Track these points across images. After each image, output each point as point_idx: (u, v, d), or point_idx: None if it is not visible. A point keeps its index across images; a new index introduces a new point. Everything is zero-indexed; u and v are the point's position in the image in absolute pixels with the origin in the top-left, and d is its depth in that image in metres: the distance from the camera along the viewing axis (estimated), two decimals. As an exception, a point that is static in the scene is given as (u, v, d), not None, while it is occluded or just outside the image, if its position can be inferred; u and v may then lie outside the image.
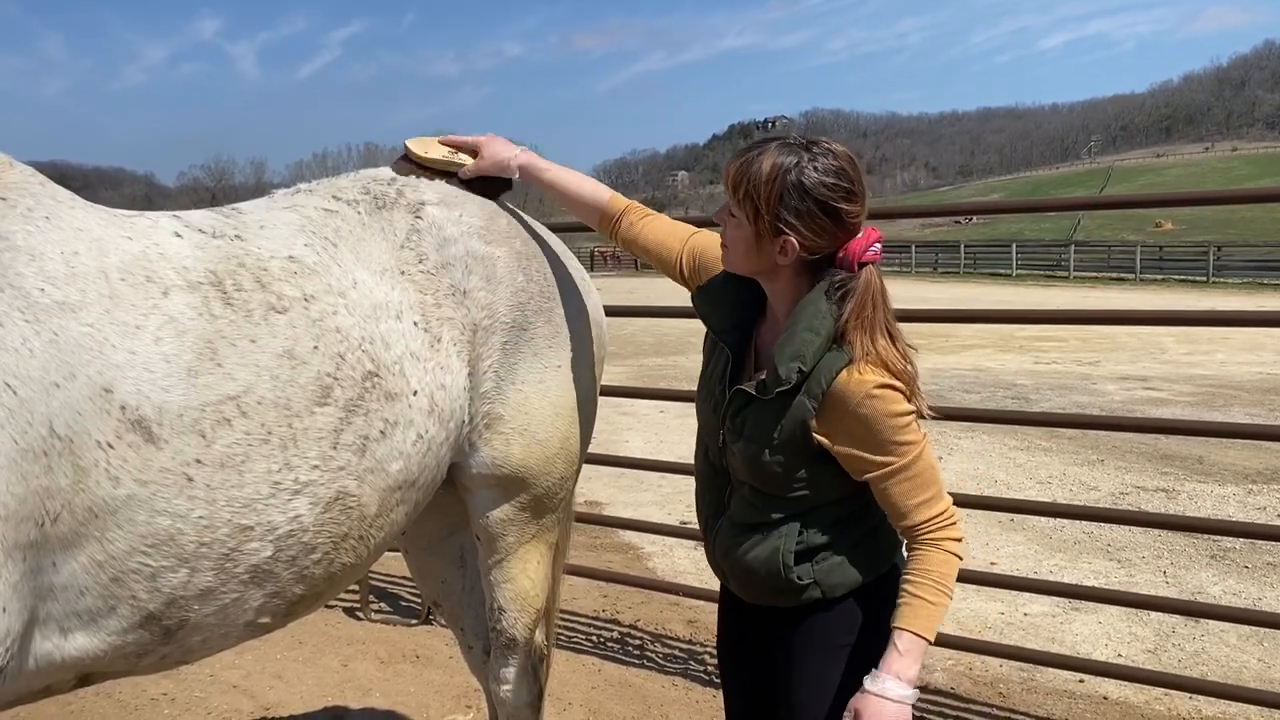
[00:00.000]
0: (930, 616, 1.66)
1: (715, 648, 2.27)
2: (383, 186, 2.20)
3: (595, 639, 4.40)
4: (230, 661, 3.99)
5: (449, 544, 2.58)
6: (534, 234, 2.35)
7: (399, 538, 2.27)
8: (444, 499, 2.27)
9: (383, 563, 4.83)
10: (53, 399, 1.50)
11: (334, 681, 3.95)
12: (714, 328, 1.90)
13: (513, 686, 2.46)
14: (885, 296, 1.72)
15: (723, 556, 1.89)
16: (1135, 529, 5.80)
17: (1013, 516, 5.99)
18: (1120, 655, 4.23)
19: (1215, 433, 4.19)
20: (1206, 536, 5.68)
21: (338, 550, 1.87)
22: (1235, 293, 28.45)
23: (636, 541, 5.90)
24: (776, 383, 1.69)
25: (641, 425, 9.43)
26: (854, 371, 1.66)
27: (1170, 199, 5.91)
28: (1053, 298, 25.84)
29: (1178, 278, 33.65)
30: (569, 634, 4.41)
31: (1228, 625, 4.36)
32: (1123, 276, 35.23)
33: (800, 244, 1.68)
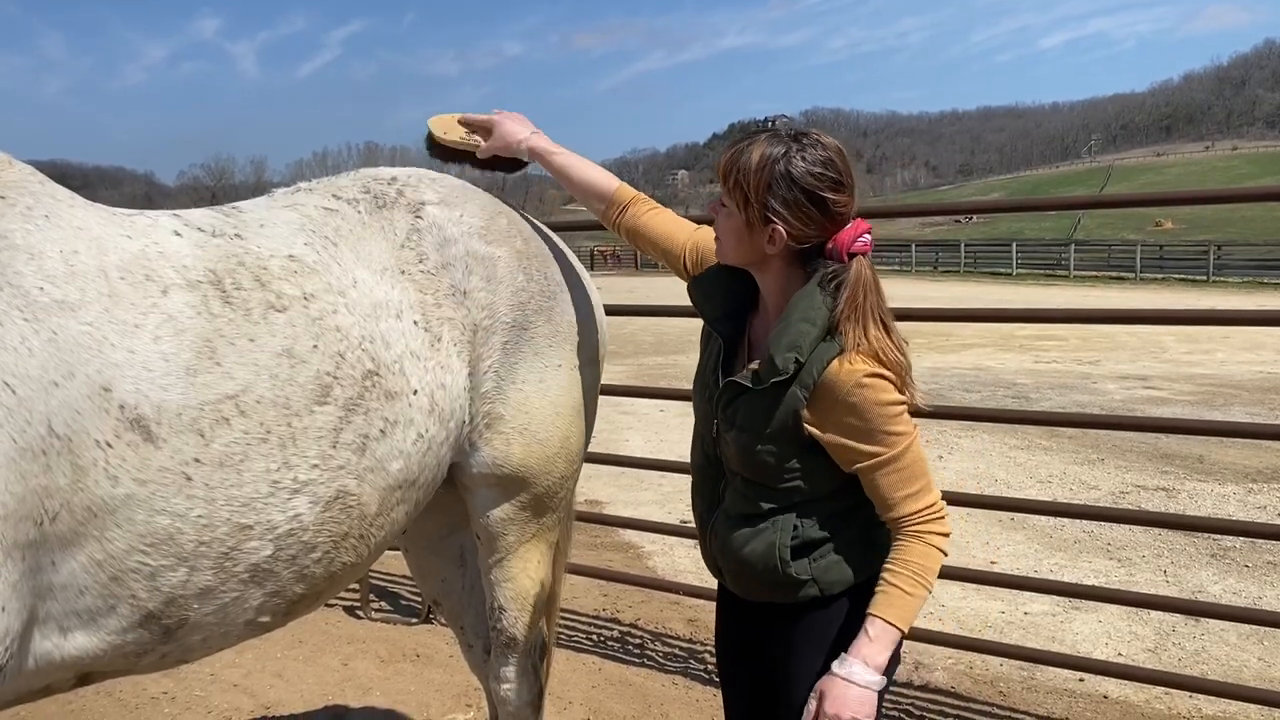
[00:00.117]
0: (905, 607, 1.66)
1: (714, 647, 2.27)
2: (383, 186, 2.19)
3: (595, 638, 4.40)
4: (230, 660, 3.99)
5: (449, 543, 2.58)
6: (534, 233, 2.35)
7: (399, 536, 2.27)
8: (444, 498, 2.27)
9: (383, 561, 4.82)
10: (51, 398, 1.49)
11: (334, 680, 3.95)
12: (707, 317, 1.91)
13: (513, 685, 2.46)
14: (878, 288, 1.73)
15: (719, 550, 1.89)
16: (1135, 528, 5.80)
17: (1013, 515, 5.99)
18: (1120, 654, 4.23)
19: (1215, 432, 4.18)
20: (1207, 535, 5.68)
21: (338, 549, 1.87)
22: (1235, 292, 28.43)
23: (637, 540, 5.90)
24: (773, 373, 1.70)
25: (642, 424, 9.43)
26: (845, 361, 1.67)
27: (1170, 198, 5.91)
28: (1053, 297, 25.83)
29: (1178, 277, 33.62)
30: (569, 633, 4.41)
31: (1228, 624, 4.36)
32: (1123, 276, 35.20)
33: (788, 233, 1.70)
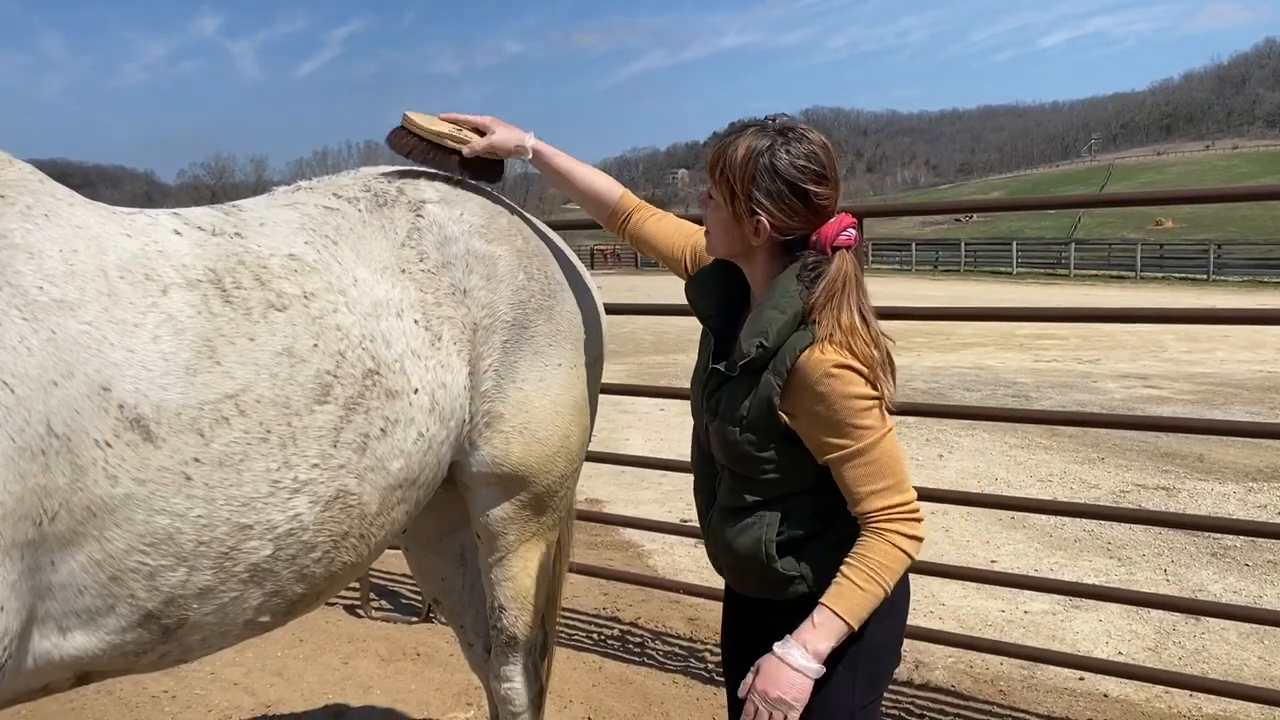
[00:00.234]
0: (854, 601, 1.66)
1: (718, 644, 2.28)
2: (383, 184, 2.19)
3: (596, 636, 4.40)
4: (231, 659, 3.99)
5: (449, 542, 2.58)
6: (534, 232, 2.35)
7: (400, 535, 2.27)
8: (444, 497, 2.27)
9: (383, 560, 4.82)
10: (50, 397, 1.49)
11: (334, 679, 3.95)
12: (701, 314, 1.94)
13: (513, 684, 2.46)
14: (859, 282, 1.74)
15: (715, 545, 1.91)
16: (1136, 527, 5.80)
17: (1013, 514, 5.99)
18: (1121, 653, 4.23)
19: (1215, 431, 4.19)
20: (1207, 534, 5.68)
21: (338, 549, 1.87)
22: (1235, 291, 28.43)
23: (637, 539, 5.90)
24: (740, 356, 1.73)
25: (642, 423, 9.43)
26: (816, 350, 1.68)
27: (1170, 197, 5.91)
28: (1053, 296, 25.83)
29: (1178, 276, 33.62)
30: (569, 631, 4.41)
31: (1228, 623, 4.36)
32: (1123, 274, 35.21)
33: (771, 224, 1.72)
